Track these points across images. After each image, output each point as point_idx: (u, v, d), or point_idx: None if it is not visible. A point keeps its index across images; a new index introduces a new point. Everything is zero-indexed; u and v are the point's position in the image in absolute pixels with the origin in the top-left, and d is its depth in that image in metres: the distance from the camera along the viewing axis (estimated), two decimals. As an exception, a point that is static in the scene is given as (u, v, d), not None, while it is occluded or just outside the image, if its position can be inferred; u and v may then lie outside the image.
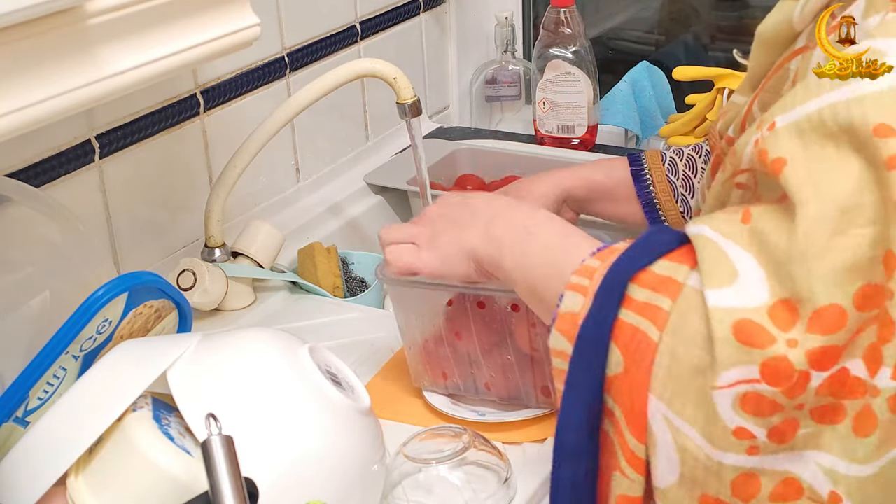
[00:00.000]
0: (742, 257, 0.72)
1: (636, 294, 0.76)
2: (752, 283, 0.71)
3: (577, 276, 0.79)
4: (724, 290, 0.71)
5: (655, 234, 0.80)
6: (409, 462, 0.91)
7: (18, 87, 0.76)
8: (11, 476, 0.78)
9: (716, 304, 0.71)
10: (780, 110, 0.73)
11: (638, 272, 0.76)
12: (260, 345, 0.87)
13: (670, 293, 0.74)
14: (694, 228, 0.77)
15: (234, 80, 1.35)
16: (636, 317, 0.75)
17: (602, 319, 0.76)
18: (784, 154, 0.72)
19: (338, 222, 1.49)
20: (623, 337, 0.75)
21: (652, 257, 0.77)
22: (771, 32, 0.87)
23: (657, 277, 0.76)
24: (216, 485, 0.67)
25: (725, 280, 0.72)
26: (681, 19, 2.07)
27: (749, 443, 0.71)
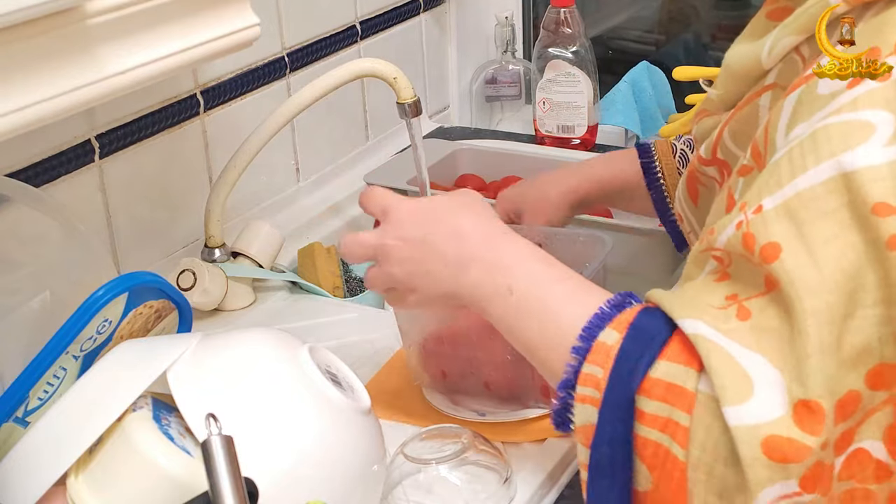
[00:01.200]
0: (753, 362, 0.69)
1: (646, 407, 0.73)
2: (771, 391, 0.68)
3: (581, 386, 0.76)
4: (743, 406, 0.68)
5: (643, 322, 0.76)
6: (409, 462, 0.91)
7: (18, 87, 0.76)
8: (11, 476, 0.78)
9: (738, 423, 0.68)
10: (767, 191, 0.71)
11: (642, 382, 0.73)
12: (260, 345, 0.87)
13: (684, 406, 0.71)
14: (689, 326, 0.73)
15: (234, 80, 1.35)
16: (656, 433, 0.72)
17: (620, 439, 0.74)
18: (776, 239, 0.69)
19: (338, 222, 1.49)
20: (648, 456, 0.73)
21: (650, 357, 0.73)
22: (739, 66, 0.86)
23: (664, 386, 0.72)
24: (216, 485, 0.67)
25: (743, 394, 0.69)
26: (681, 19, 2.07)
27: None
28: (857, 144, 0.68)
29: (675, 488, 0.72)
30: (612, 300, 0.79)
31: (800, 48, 0.80)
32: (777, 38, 0.81)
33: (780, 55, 0.81)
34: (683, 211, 0.98)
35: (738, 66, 0.86)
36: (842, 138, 0.69)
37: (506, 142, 1.71)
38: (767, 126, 0.77)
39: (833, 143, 0.69)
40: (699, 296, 0.75)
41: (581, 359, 0.76)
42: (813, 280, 0.68)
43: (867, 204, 0.67)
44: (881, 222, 0.67)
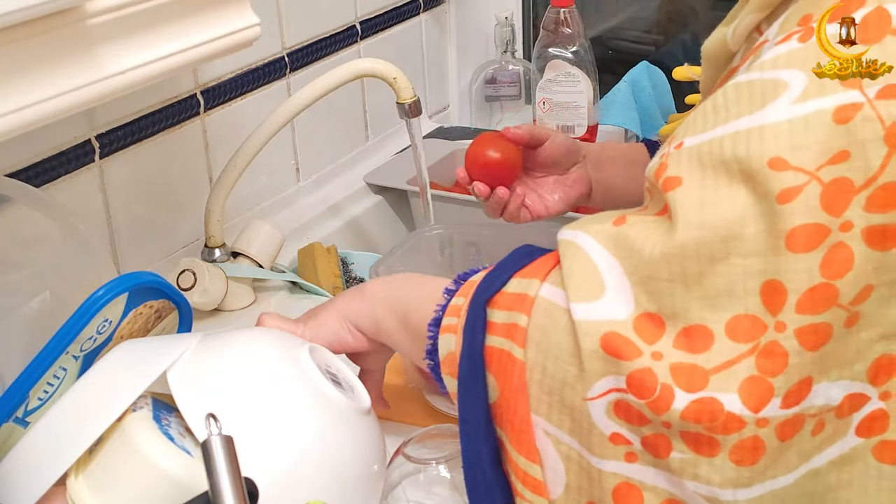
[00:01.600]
0: (610, 266, 0.73)
1: (495, 317, 0.77)
2: (619, 295, 0.71)
3: (447, 317, 0.81)
4: (591, 303, 0.72)
5: (513, 254, 0.81)
6: (409, 462, 0.91)
7: (18, 87, 0.76)
8: (11, 476, 0.78)
9: (583, 318, 0.72)
10: (691, 131, 0.73)
11: (494, 295, 0.78)
12: (260, 345, 0.87)
13: (524, 309, 0.76)
14: (567, 233, 0.77)
15: (234, 80, 1.35)
16: (500, 339, 0.76)
17: (473, 351, 0.78)
18: (681, 174, 0.71)
19: (338, 222, 1.49)
20: (494, 363, 0.77)
21: (505, 277, 0.78)
22: (711, 50, 0.87)
23: (510, 296, 0.77)
24: (216, 485, 0.67)
25: (593, 293, 0.72)
26: (680, 19, 2.07)
27: (625, 448, 0.71)
28: (768, 102, 0.69)
29: (514, 390, 0.75)
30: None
31: (760, 26, 0.81)
32: (741, 18, 0.82)
33: (743, 35, 0.82)
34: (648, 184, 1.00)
35: (710, 52, 0.87)
36: (759, 94, 0.70)
37: (506, 142, 1.70)
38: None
39: (750, 99, 0.71)
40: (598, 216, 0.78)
41: (450, 297, 0.81)
42: (693, 216, 0.70)
43: (763, 158, 0.68)
44: (773, 176, 0.68)
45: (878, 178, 0.67)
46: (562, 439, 0.74)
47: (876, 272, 0.68)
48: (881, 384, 0.70)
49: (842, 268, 0.67)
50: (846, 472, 0.72)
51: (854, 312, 0.68)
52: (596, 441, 0.72)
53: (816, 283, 0.67)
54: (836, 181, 0.67)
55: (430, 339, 0.83)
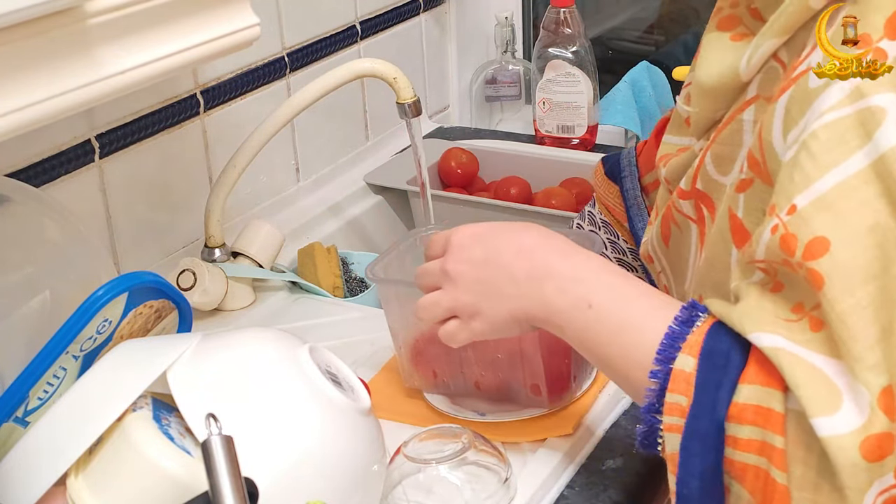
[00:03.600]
0: (836, 370, 0.70)
1: (739, 432, 0.72)
2: (856, 393, 0.68)
3: (669, 416, 0.75)
4: (836, 415, 0.68)
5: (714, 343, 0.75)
6: (409, 462, 0.91)
7: (18, 87, 0.76)
8: (11, 476, 0.78)
9: (833, 434, 0.68)
10: (795, 190, 0.71)
11: (729, 408, 0.72)
12: (260, 345, 0.87)
13: (777, 428, 0.71)
14: (766, 340, 0.72)
15: (234, 80, 1.35)
16: (753, 457, 0.72)
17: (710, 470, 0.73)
18: (824, 233, 0.69)
19: (338, 222, 1.49)
20: (748, 479, 0.72)
21: (732, 382, 0.73)
22: (715, 83, 0.85)
23: (752, 409, 0.72)
24: (216, 485, 0.67)
25: (833, 404, 0.69)
26: (680, 19, 2.07)
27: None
28: (874, 131, 0.69)
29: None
30: (679, 316, 0.78)
31: (778, 54, 0.80)
32: (755, 47, 0.81)
33: (759, 63, 0.81)
34: (654, 252, 0.98)
35: (714, 85, 0.85)
36: (861, 126, 0.70)
37: (506, 142, 1.71)
38: (761, 132, 0.77)
39: (855, 133, 0.70)
40: (762, 307, 0.74)
41: (661, 383, 0.76)
42: (859, 270, 0.68)
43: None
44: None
45: None
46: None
47: None
48: None
49: None
50: None
51: None
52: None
53: None
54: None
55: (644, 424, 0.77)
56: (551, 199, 1.48)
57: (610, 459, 0.97)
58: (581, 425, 1.00)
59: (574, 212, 1.45)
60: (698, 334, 0.76)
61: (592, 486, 0.94)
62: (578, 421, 1.01)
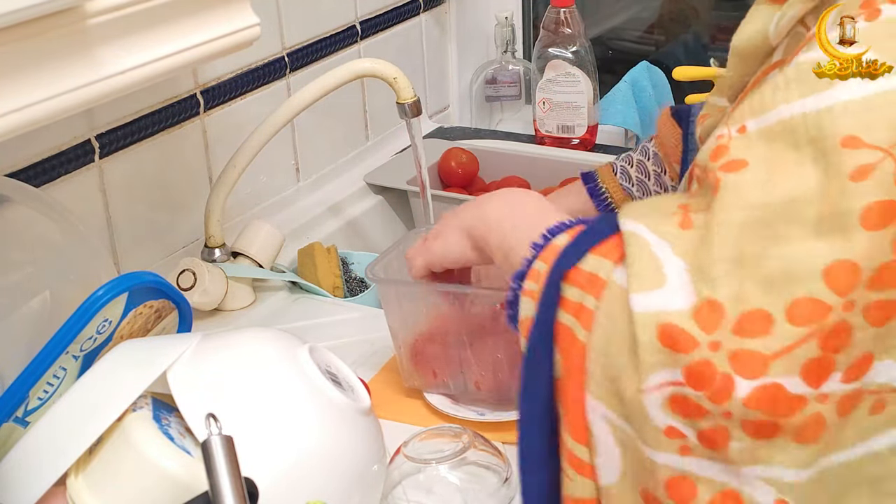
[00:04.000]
0: (673, 263, 0.72)
1: (568, 293, 0.77)
2: (679, 286, 0.71)
3: (528, 280, 0.80)
4: (650, 293, 0.71)
5: (594, 224, 0.80)
6: (409, 462, 0.91)
7: (18, 87, 0.76)
8: (11, 476, 0.78)
9: (641, 309, 0.71)
10: (751, 114, 0.73)
11: (570, 269, 0.77)
12: (260, 345, 0.87)
13: (595, 291, 0.75)
14: (629, 224, 0.76)
15: (234, 80, 1.35)
16: (569, 317, 0.76)
17: (543, 324, 0.78)
18: (746, 157, 0.71)
19: (338, 222, 1.49)
20: (560, 340, 0.76)
21: (584, 250, 0.77)
22: (746, 45, 0.85)
23: (584, 275, 0.76)
24: (216, 485, 0.67)
25: (652, 283, 0.71)
26: (681, 19, 2.07)
27: (680, 442, 0.71)
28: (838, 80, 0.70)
29: (572, 370, 0.75)
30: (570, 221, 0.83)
31: (805, 19, 0.80)
32: (784, 11, 0.81)
33: (786, 28, 0.81)
34: None
35: (745, 46, 0.86)
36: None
37: (506, 142, 1.71)
38: None
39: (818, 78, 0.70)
40: (655, 204, 0.78)
41: (535, 254, 0.80)
42: (755, 197, 0.69)
43: (836, 137, 0.68)
44: (847, 154, 0.68)
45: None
46: (619, 426, 0.73)
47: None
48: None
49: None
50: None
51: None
52: (650, 433, 0.72)
53: (888, 260, 0.67)
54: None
55: (511, 289, 0.82)
56: (551, 199, 1.48)
57: (610, 459, 0.97)
58: (581, 425, 1.00)
59: (574, 212, 1.45)
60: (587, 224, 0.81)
61: (592, 486, 0.94)
62: (578, 421, 1.00)
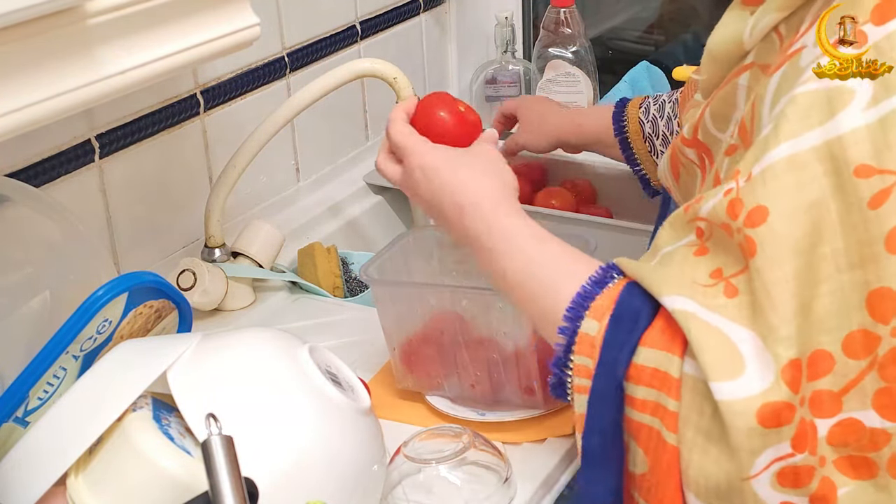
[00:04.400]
0: (742, 337, 0.71)
1: (636, 392, 0.76)
2: (760, 361, 0.70)
3: (577, 377, 0.79)
4: (736, 381, 0.70)
5: (625, 306, 0.78)
6: (409, 462, 0.91)
7: (18, 87, 0.76)
8: (11, 476, 0.78)
9: (731, 398, 0.70)
10: (755, 161, 0.73)
11: (628, 369, 0.76)
12: (260, 345, 0.87)
13: (671, 392, 0.74)
14: (674, 302, 0.74)
15: (234, 80, 1.35)
16: (647, 416, 0.75)
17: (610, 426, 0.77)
18: (766, 203, 0.71)
19: (338, 222, 1.49)
20: (642, 438, 0.75)
21: (633, 344, 0.76)
22: (720, 49, 0.87)
23: (650, 372, 0.75)
24: (216, 485, 0.67)
25: (735, 369, 0.70)
26: (680, 19, 2.07)
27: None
28: (839, 110, 0.70)
29: (665, 469, 0.74)
30: (593, 276, 0.81)
31: (779, 27, 0.81)
32: (758, 18, 0.82)
33: (760, 34, 0.82)
34: (668, 181, 1.00)
35: (719, 50, 0.87)
36: (827, 104, 0.71)
37: (506, 142, 1.70)
38: (755, 103, 0.78)
39: (819, 109, 0.71)
40: (682, 271, 0.76)
41: (567, 339, 0.80)
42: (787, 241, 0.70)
43: (849, 167, 0.69)
44: (861, 184, 0.69)
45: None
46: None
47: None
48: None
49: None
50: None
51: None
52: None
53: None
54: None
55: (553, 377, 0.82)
56: (551, 200, 1.48)
57: (610, 459, 0.97)
58: (581, 425, 1.00)
59: (574, 212, 1.45)
60: (608, 297, 0.79)
61: (592, 486, 0.94)
62: (578, 421, 1.01)
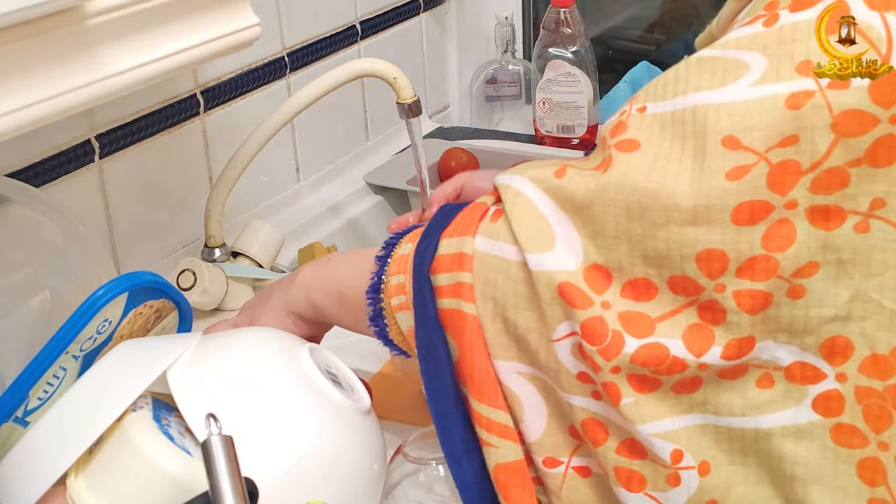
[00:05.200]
0: (558, 218, 0.76)
1: (440, 281, 0.80)
2: (570, 247, 0.75)
3: (395, 296, 0.83)
4: (544, 254, 0.75)
5: (435, 217, 0.84)
6: (409, 462, 0.91)
7: (18, 87, 0.76)
8: (11, 476, 0.78)
9: (538, 269, 0.75)
10: (653, 97, 0.75)
11: (432, 262, 0.80)
12: (260, 345, 0.87)
13: (465, 267, 0.78)
14: (504, 178, 0.80)
15: (234, 80, 1.35)
16: (449, 300, 0.79)
17: (427, 319, 0.81)
18: (640, 139, 0.74)
19: (338, 222, 1.49)
20: (448, 324, 0.80)
21: (435, 241, 0.81)
22: (699, 40, 0.90)
23: (447, 258, 0.80)
24: (216, 485, 0.67)
25: (545, 244, 0.75)
26: (681, 19, 2.07)
27: (591, 387, 0.75)
28: (729, 81, 0.71)
29: (470, 343, 0.78)
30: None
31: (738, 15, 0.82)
32: (725, 7, 0.84)
33: (725, 23, 0.84)
34: None
35: (699, 41, 0.90)
36: (721, 71, 0.72)
37: (506, 142, 1.70)
38: None
39: (711, 75, 0.72)
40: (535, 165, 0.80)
41: (382, 267, 0.85)
42: (640, 181, 0.72)
43: (718, 135, 0.70)
44: (725, 154, 0.70)
45: (824, 163, 0.69)
46: (537, 376, 0.78)
47: (820, 250, 0.70)
48: (837, 365, 0.72)
49: (784, 242, 0.70)
50: (803, 448, 0.73)
51: (797, 285, 0.71)
52: (564, 378, 0.76)
53: (757, 254, 0.70)
54: (784, 163, 0.69)
55: (369, 305, 0.85)
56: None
57: (610, 459, 0.97)
58: (581, 425, 1.00)
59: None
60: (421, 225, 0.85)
61: (592, 485, 0.94)
62: (578, 421, 1.01)
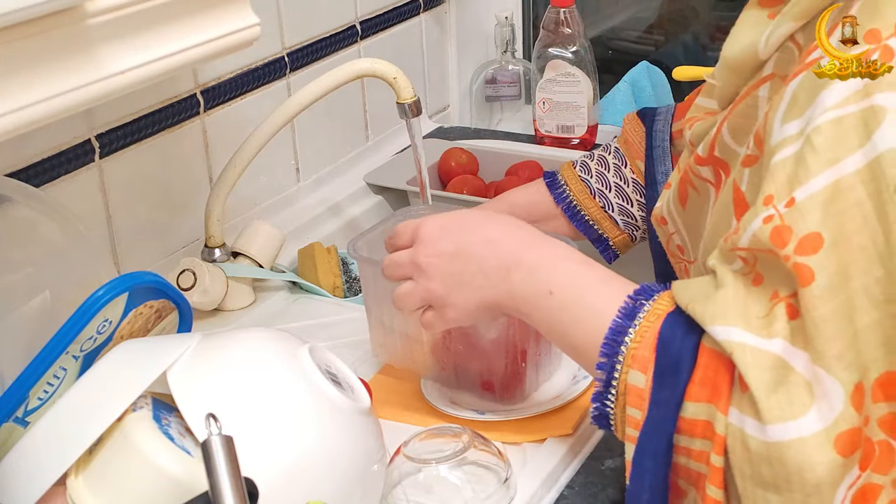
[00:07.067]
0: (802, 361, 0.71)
1: (692, 445, 0.76)
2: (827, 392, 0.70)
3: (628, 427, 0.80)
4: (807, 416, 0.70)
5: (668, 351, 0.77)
6: (409, 462, 0.91)
7: (18, 87, 0.76)
8: (11, 476, 0.78)
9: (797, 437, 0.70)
10: (797, 183, 0.72)
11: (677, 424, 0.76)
12: (260, 345, 0.87)
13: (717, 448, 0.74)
14: (719, 332, 0.74)
15: (234, 80, 1.35)
16: (704, 466, 0.76)
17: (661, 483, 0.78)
18: (819, 230, 0.70)
19: (338, 222, 1.49)
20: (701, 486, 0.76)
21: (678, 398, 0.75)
22: (737, 58, 0.86)
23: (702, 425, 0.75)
24: (216, 485, 0.67)
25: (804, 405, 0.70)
26: (680, 19, 2.07)
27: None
28: (873, 131, 0.69)
29: None
30: (623, 307, 0.81)
31: (795, 36, 0.81)
32: (774, 27, 0.82)
33: (776, 44, 0.82)
34: (670, 214, 0.99)
35: (734, 59, 0.87)
36: (863, 126, 0.70)
37: (506, 142, 1.70)
38: (768, 113, 0.78)
39: (856, 132, 0.70)
40: (740, 302, 0.75)
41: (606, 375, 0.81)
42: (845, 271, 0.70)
43: (890, 187, 0.69)
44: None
45: None
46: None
47: None
48: None
49: None
50: None
51: None
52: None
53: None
54: None
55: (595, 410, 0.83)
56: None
57: (609, 459, 0.97)
58: (581, 425, 1.00)
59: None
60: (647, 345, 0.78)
61: (592, 485, 0.94)
62: (578, 421, 1.01)
